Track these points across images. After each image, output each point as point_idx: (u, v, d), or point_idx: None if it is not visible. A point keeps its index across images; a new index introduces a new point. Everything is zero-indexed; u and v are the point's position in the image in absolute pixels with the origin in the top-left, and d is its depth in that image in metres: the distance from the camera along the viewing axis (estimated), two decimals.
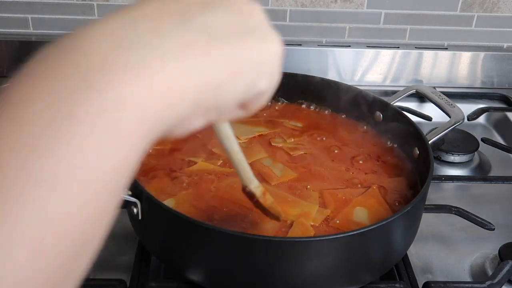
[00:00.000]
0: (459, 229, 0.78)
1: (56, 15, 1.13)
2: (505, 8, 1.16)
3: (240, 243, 0.56)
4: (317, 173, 0.75)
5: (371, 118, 0.85)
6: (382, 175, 0.75)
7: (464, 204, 0.76)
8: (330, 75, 1.15)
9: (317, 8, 1.14)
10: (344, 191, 0.71)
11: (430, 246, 0.76)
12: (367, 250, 0.60)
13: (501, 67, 1.18)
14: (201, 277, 0.60)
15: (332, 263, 0.58)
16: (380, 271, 0.64)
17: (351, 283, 0.62)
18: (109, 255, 0.72)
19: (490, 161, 0.96)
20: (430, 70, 1.18)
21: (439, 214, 0.77)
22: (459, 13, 1.16)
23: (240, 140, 0.80)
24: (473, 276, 0.71)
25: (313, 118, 0.89)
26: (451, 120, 0.78)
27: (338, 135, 0.84)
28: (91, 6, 1.12)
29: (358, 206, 0.68)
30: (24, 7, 1.13)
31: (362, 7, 1.14)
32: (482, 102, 1.13)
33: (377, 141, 0.83)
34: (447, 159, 0.94)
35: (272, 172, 0.73)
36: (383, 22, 1.16)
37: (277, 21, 1.14)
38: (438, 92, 0.84)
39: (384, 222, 0.58)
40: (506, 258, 0.69)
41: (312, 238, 0.60)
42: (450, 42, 1.19)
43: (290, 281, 0.58)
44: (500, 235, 0.76)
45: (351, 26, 1.16)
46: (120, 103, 0.27)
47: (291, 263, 0.57)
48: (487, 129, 1.09)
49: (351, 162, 0.78)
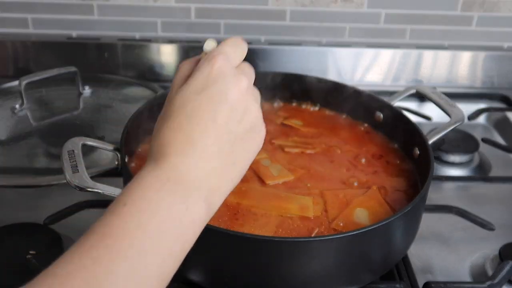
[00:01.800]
0: (459, 229, 0.78)
1: (56, 15, 1.13)
2: (505, 8, 1.16)
3: (240, 243, 0.56)
4: (317, 173, 0.75)
5: (371, 118, 0.85)
6: (382, 175, 0.75)
7: (464, 204, 0.76)
8: (330, 75, 1.15)
9: (317, 8, 1.14)
10: (345, 191, 0.71)
11: (430, 246, 0.76)
12: (367, 250, 0.60)
13: (501, 67, 1.18)
14: (201, 277, 0.60)
15: (332, 263, 0.58)
16: (380, 271, 0.64)
17: (351, 283, 0.62)
18: None
19: (490, 161, 0.96)
20: (430, 70, 1.18)
21: (439, 214, 0.77)
22: (459, 13, 1.16)
23: None
24: (473, 276, 0.71)
25: (313, 118, 0.89)
26: (451, 120, 0.78)
27: (339, 135, 0.84)
28: (91, 6, 1.13)
29: (359, 207, 0.68)
30: (24, 7, 1.13)
31: (362, 7, 1.14)
32: (482, 102, 1.13)
33: (377, 141, 0.83)
34: (447, 159, 0.94)
35: (269, 172, 0.73)
36: (383, 22, 1.16)
37: (277, 21, 1.14)
38: (438, 92, 0.84)
39: (384, 222, 0.58)
40: (506, 258, 0.69)
41: (312, 238, 0.60)
42: (450, 42, 1.19)
43: (290, 281, 0.58)
44: (500, 235, 0.76)
45: (351, 26, 1.16)
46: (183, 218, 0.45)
47: (291, 263, 0.57)
48: (487, 129, 1.09)
49: (352, 163, 0.78)
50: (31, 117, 0.93)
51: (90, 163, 0.75)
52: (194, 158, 0.46)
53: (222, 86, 0.48)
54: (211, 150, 0.47)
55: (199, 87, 0.48)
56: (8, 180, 0.77)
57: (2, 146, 0.86)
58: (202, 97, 0.47)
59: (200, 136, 0.46)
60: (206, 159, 0.47)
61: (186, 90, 0.48)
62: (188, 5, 1.13)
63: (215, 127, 0.47)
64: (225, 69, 0.49)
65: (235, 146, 0.48)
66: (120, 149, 0.69)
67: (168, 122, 0.48)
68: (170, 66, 1.14)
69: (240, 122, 0.48)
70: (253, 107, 0.50)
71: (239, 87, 0.48)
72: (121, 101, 1.00)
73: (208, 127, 0.47)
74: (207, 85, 0.48)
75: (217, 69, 0.48)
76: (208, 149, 0.47)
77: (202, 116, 0.47)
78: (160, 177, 0.45)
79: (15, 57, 1.13)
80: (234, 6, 1.13)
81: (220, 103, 0.47)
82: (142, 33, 1.16)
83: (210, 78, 0.48)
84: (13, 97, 0.98)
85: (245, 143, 0.49)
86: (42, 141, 0.88)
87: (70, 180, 0.62)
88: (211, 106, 0.47)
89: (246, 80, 0.49)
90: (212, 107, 0.47)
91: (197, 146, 0.46)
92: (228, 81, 0.48)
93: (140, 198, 0.43)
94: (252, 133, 0.50)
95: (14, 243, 0.68)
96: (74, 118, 0.94)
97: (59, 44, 1.13)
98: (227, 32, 1.15)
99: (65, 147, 0.66)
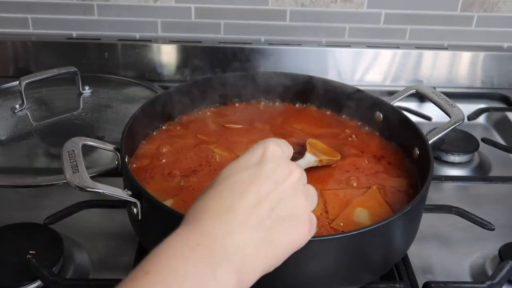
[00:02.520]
0: (459, 229, 0.78)
1: (56, 15, 1.13)
2: (505, 8, 1.16)
3: None
4: (317, 173, 0.75)
5: (371, 118, 0.85)
6: (382, 175, 0.75)
7: (464, 204, 0.76)
8: (330, 75, 1.15)
9: (317, 8, 1.14)
10: (345, 191, 0.71)
11: (430, 246, 0.76)
12: (367, 250, 0.60)
13: (501, 67, 1.18)
14: None
15: (332, 263, 0.58)
16: (380, 271, 0.64)
17: (351, 283, 0.62)
18: (109, 255, 0.72)
19: (490, 161, 0.96)
20: (430, 70, 1.18)
21: (439, 214, 0.77)
22: (459, 13, 1.16)
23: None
24: (473, 276, 0.71)
25: (313, 118, 0.89)
26: (451, 120, 0.78)
27: (338, 135, 0.84)
28: (91, 6, 1.13)
29: (359, 207, 0.68)
30: (24, 7, 1.13)
31: (362, 7, 1.14)
32: (482, 102, 1.13)
33: (377, 142, 0.83)
34: (447, 159, 0.94)
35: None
36: (383, 22, 1.16)
37: (277, 21, 1.14)
38: (438, 92, 0.84)
39: (384, 222, 0.58)
40: (506, 258, 0.69)
41: (312, 238, 0.60)
42: (450, 42, 1.19)
43: (290, 281, 0.58)
44: (500, 235, 0.75)
45: (351, 26, 1.16)
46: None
47: (291, 263, 0.57)
48: (487, 129, 1.09)
49: (351, 163, 0.77)
50: (31, 117, 0.93)
51: (90, 163, 0.75)
52: (231, 224, 0.44)
53: (273, 166, 0.47)
54: (250, 220, 0.44)
55: (248, 164, 0.47)
56: (8, 180, 0.77)
57: (2, 146, 0.86)
58: (250, 172, 0.46)
59: (240, 204, 0.44)
60: (244, 227, 0.44)
61: (234, 164, 0.48)
62: (188, 5, 1.13)
63: (258, 199, 0.45)
64: (277, 153, 0.48)
65: (276, 225, 0.45)
66: (120, 149, 0.69)
67: (209, 190, 0.46)
68: (170, 66, 1.14)
69: (286, 205, 0.46)
70: (300, 200, 0.48)
71: (290, 174, 0.48)
72: (121, 101, 1.00)
73: (250, 198, 0.45)
74: (258, 163, 0.47)
75: (271, 152, 0.48)
76: (248, 218, 0.44)
77: (245, 188, 0.45)
78: (190, 242, 0.42)
79: (15, 57, 1.13)
80: (234, 6, 1.13)
81: (267, 179, 0.46)
82: (142, 33, 1.16)
83: (263, 158, 0.47)
84: (13, 97, 0.98)
85: (287, 228, 0.46)
86: (42, 141, 0.88)
87: (70, 180, 0.62)
88: (257, 180, 0.46)
89: (298, 172, 0.49)
90: (258, 181, 0.46)
91: (236, 213, 0.44)
92: (280, 165, 0.47)
93: (164, 268, 0.40)
94: (297, 222, 0.47)
95: (14, 243, 0.68)
96: (74, 118, 0.94)
97: (59, 44, 1.13)
98: (227, 32, 1.15)
99: (65, 147, 0.66)
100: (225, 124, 0.85)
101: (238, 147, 0.79)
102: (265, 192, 0.45)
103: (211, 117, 0.88)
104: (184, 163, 0.75)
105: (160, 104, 0.83)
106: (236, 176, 0.46)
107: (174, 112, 0.86)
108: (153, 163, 0.75)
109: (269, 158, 0.47)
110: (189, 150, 0.78)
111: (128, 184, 0.65)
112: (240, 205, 0.44)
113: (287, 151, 0.51)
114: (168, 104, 0.84)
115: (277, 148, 0.48)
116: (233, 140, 0.81)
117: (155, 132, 0.82)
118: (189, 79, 1.14)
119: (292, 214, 0.47)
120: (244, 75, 0.91)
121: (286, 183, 0.47)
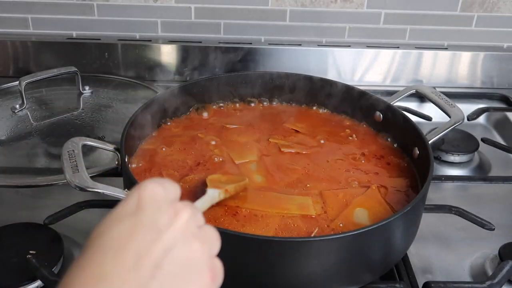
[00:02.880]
0: (459, 229, 0.78)
1: (56, 15, 1.13)
2: (505, 8, 1.16)
3: (240, 243, 0.56)
4: (317, 173, 0.75)
5: (371, 118, 0.85)
6: (382, 175, 0.75)
7: (464, 204, 0.76)
8: (330, 75, 1.15)
9: (317, 8, 1.14)
10: (345, 191, 0.71)
11: (430, 246, 0.76)
12: (367, 250, 0.60)
13: (501, 67, 1.18)
14: None
15: (332, 263, 0.58)
16: (380, 271, 0.64)
17: (351, 283, 0.62)
18: None
19: (490, 161, 0.96)
20: (430, 70, 1.18)
21: (439, 214, 0.77)
22: (459, 13, 1.16)
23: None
24: (473, 276, 0.71)
25: (313, 118, 0.89)
26: (451, 120, 0.78)
27: (338, 135, 0.84)
28: (91, 6, 1.13)
29: (359, 207, 0.68)
30: (24, 7, 1.13)
31: (362, 7, 1.14)
32: (482, 102, 1.13)
33: (377, 142, 0.83)
34: (447, 159, 0.94)
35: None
36: (383, 22, 1.16)
37: (277, 21, 1.14)
38: (438, 92, 0.84)
39: (384, 222, 0.58)
40: (506, 258, 0.69)
41: (312, 238, 0.60)
42: (450, 42, 1.19)
43: (290, 281, 0.58)
44: (500, 235, 0.75)
45: (351, 26, 1.16)
46: None
47: (291, 263, 0.57)
48: (487, 129, 1.09)
49: (351, 163, 0.78)
50: (31, 117, 0.93)
51: (90, 163, 0.75)
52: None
53: (153, 211, 0.39)
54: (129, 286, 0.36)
55: (122, 215, 0.39)
56: (8, 180, 0.77)
57: (2, 146, 0.86)
58: (124, 224, 0.38)
59: (114, 269, 0.36)
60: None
61: (107, 218, 0.40)
62: (188, 5, 1.13)
63: (137, 257, 0.37)
64: (158, 195, 0.40)
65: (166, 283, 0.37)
66: (120, 149, 0.69)
67: (83, 253, 0.38)
68: (170, 66, 1.14)
69: (175, 256, 0.38)
70: (194, 246, 0.40)
71: (176, 217, 0.39)
72: (121, 101, 1.00)
73: (126, 258, 0.36)
74: (134, 211, 0.39)
75: (149, 195, 0.40)
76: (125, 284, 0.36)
77: (120, 246, 0.37)
78: None
79: (15, 57, 1.13)
80: (234, 6, 1.13)
81: (146, 229, 0.38)
82: (142, 33, 1.16)
83: (139, 205, 0.39)
84: (13, 97, 0.98)
85: (182, 283, 0.38)
86: (42, 141, 0.88)
87: (70, 180, 0.62)
88: (134, 233, 0.38)
89: (187, 212, 0.40)
90: (135, 234, 0.38)
91: (109, 281, 0.36)
92: (161, 209, 0.39)
93: None
94: (194, 274, 0.40)
95: (14, 243, 0.68)
96: (74, 118, 0.94)
97: (59, 44, 1.13)
98: (227, 32, 1.15)
99: (65, 147, 0.66)
100: (225, 124, 0.85)
101: (238, 147, 0.79)
102: (145, 247, 0.37)
103: (211, 117, 0.88)
104: (184, 163, 0.75)
105: (160, 104, 0.83)
106: (108, 234, 0.38)
107: (174, 112, 0.86)
108: (153, 163, 0.75)
109: (147, 203, 0.39)
110: (189, 150, 0.78)
111: (128, 184, 0.65)
112: (113, 270, 0.36)
113: (172, 191, 0.41)
114: (168, 104, 0.84)
115: (157, 189, 0.40)
116: (233, 140, 0.81)
117: (155, 132, 0.82)
118: (189, 79, 1.14)
119: (186, 265, 0.39)
120: (244, 75, 0.91)
121: (171, 230, 0.39)
